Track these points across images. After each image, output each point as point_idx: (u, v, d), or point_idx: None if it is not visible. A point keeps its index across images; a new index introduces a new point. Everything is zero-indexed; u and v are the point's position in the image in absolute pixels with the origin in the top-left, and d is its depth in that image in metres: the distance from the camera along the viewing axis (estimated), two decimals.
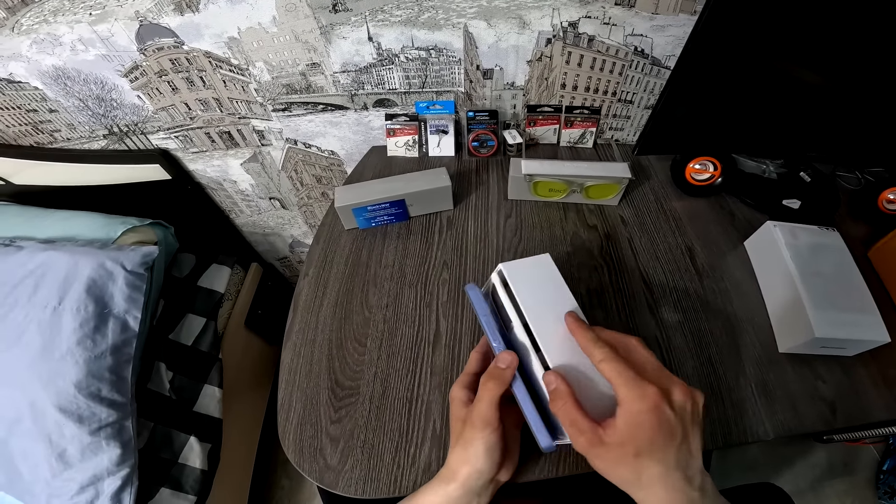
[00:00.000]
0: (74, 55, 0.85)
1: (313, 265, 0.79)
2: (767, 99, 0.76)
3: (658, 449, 0.39)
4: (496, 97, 0.95)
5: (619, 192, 0.83)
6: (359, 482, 0.56)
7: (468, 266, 0.77)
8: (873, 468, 1.45)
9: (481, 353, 0.56)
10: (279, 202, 1.28)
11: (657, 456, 0.39)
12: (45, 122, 0.98)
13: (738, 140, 0.85)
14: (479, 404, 0.47)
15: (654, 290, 0.74)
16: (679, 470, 0.39)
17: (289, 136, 1.05)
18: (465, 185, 0.92)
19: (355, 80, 0.91)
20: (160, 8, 0.79)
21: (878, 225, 0.84)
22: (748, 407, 0.62)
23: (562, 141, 1.01)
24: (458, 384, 0.53)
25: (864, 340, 0.63)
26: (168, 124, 1.01)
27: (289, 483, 1.45)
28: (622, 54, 0.85)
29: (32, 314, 0.84)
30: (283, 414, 0.62)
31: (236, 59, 0.87)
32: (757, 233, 0.77)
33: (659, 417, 0.39)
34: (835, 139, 0.82)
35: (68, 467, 0.81)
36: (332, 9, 0.79)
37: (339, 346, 0.68)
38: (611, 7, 0.78)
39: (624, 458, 0.40)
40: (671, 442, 0.39)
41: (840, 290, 0.67)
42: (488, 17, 0.80)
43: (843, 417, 0.62)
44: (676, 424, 0.40)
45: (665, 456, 0.39)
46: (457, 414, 0.50)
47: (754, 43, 0.68)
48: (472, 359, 0.55)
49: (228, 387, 1.12)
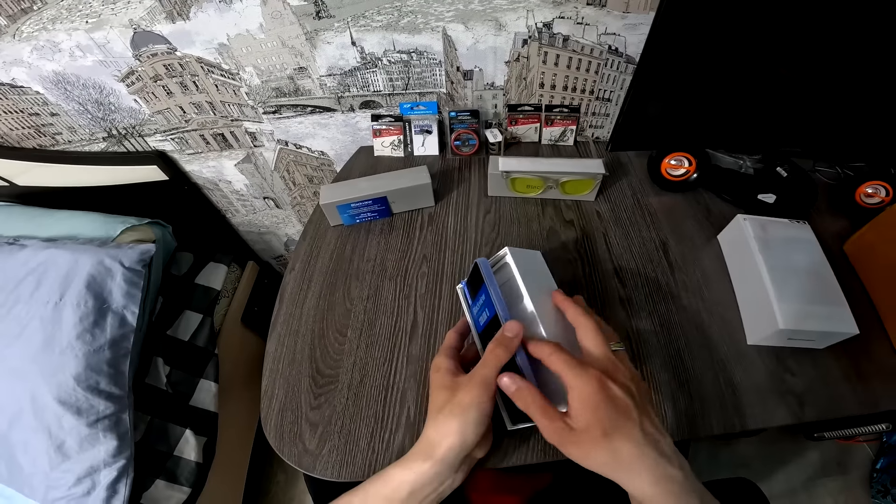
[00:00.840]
0: (73, 61, 0.89)
1: (299, 260, 0.82)
2: (734, 93, 0.77)
3: (622, 426, 0.41)
4: (477, 97, 0.98)
5: (595, 187, 0.86)
6: (335, 466, 0.59)
7: (447, 260, 0.80)
8: (867, 467, 1.44)
9: (459, 332, 0.58)
10: (273, 201, 1.31)
11: (624, 433, 0.41)
12: (46, 125, 1.02)
13: (709, 135, 0.87)
14: (485, 369, 0.47)
15: (626, 283, 0.76)
16: (652, 447, 0.41)
17: (280, 137, 1.09)
18: (447, 183, 0.94)
19: (341, 83, 0.95)
20: (153, 16, 0.82)
21: (856, 218, 0.84)
22: (716, 399, 0.63)
23: (543, 139, 1.03)
24: (443, 355, 0.53)
25: (832, 332, 0.63)
26: (164, 127, 1.05)
27: (284, 477, 1.47)
28: (597, 53, 0.88)
29: (35, 310, 0.87)
30: (266, 401, 0.66)
31: (227, 64, 0.91)
32: (728, 226, 0.79)
33: (606, 394, 0.41)
34: (807, 134, 0.84)
35: (66, 459, 0.84)
36: (315, 16, 0.82)
37: (321, 336, 0.71)
38: (583, 7, 0.81)
39: (595, 441, 0.41)
40: (629, 418, 0.41)
41: (808, 283, 0.67)
42: (465, 20, 0.83)
43: (813, 411, 0.62)
44: (628, 401, 0.42)
45: (632, 433, 0.41)
46: (442, 382, 0.50)
47: (714, 36, 0.69)
48: (451, 336, 0.57)
49: (225, 382, 1.15)
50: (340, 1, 0.80)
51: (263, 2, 0.80)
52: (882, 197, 0.84)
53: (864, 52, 0.69)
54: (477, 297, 0.56)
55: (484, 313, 0.54)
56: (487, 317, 0.53)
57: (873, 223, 0.76)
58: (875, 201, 0.85)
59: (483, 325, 0.54)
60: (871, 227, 0.77)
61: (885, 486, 1.34)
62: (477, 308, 0.56)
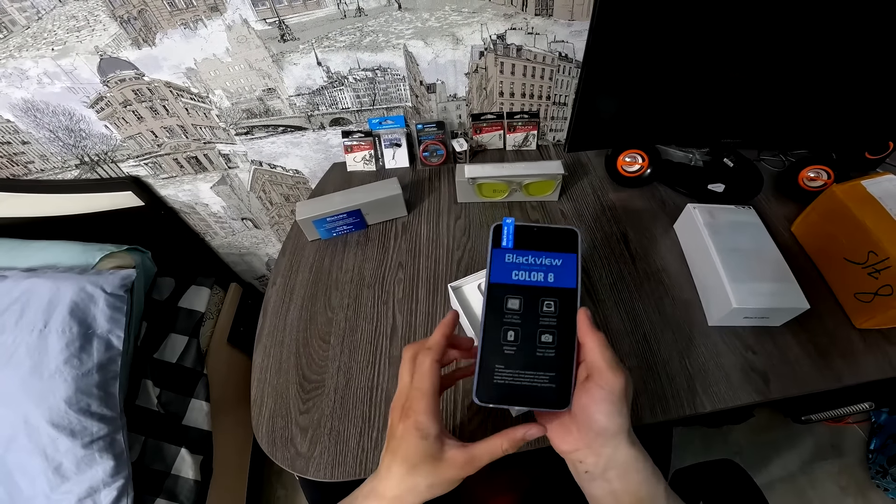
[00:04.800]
0: (41, 88, 0.90)
1: (280, 274, 0.85)
2: (674, 90, 0.82)
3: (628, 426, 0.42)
4: (442, 109, 1.02)
5: (556, 187, 0.91)
6: (327, 467, 0.62)
7: (421, 265, 0.84)
8: (861, 448, 1.46)
9: (447, 336, 0.48)
10: (251, 222, 1.33)
11: (627, 431, 0.41)
12: (18, 154, 1.03)
13: (657, 132, 0.93)
14: (480, 460, 0.42)
15: (590, 275, 0.81)
16: (638, 444, 0.42)
17: (254, 157, 1.11)
18: (418, 193, 0.99)
19: (310, 102, 0.98)
20: (118, 43, 0.84)
21: (801, 201, 0.88)
22: (683, 381, 0.67)
23: (507, 145, 1.08)
24: (428, 414, 0.43)
25: (784, 308, 0.68)
26: (137, 152, 1.06)
27: (284, 493, 1.47)
28: (549, 60, 0.93)
29: (20, 338, 0.89)
30: (256, 409, 0.69)
31: (196, 87, 0.93)
32: (681, 216, 0.84)
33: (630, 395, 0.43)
34: (746, 126, 0.89)
35: (65, 480, 0.85)
36: (280, 39, 0.86)
37: (305, 344, 0.75)
38: (532, 18, 0.85)
39: (612, 437, 0.41)
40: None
41: (757, 263, 0.72)
42: (424, 36, 0.87)
43: (778, 388, 0.66)
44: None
45: (630, 432, 0.42)
46: (427, 451, 0.42)
47: (648, 36, 0.74)
48: (439, 340, 0.47)
49: (216, 400, 1.16)
50: (304, 24, 0.84)
51: (228, 27, 0.83)
52: (824, 180, 0.90)
53: (798, 45, 0.73)
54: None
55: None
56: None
57: (815, 203, 0.82)
58: (818, 184, 0.90)
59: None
60: (813, 208, 0.83)
61: (882, 467, 1.36)
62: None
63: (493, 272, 0.45)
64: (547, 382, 0.42)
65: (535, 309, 0.44)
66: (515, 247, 0.46)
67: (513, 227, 0.47)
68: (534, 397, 0.42)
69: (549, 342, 0.43)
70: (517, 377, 0.43)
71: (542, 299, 0.44)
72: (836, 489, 1.40)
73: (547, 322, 0.44)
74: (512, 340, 0.43)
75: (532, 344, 0.43)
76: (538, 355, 0.43)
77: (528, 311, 0.44)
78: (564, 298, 0.45)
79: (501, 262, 0.46)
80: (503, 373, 0.43)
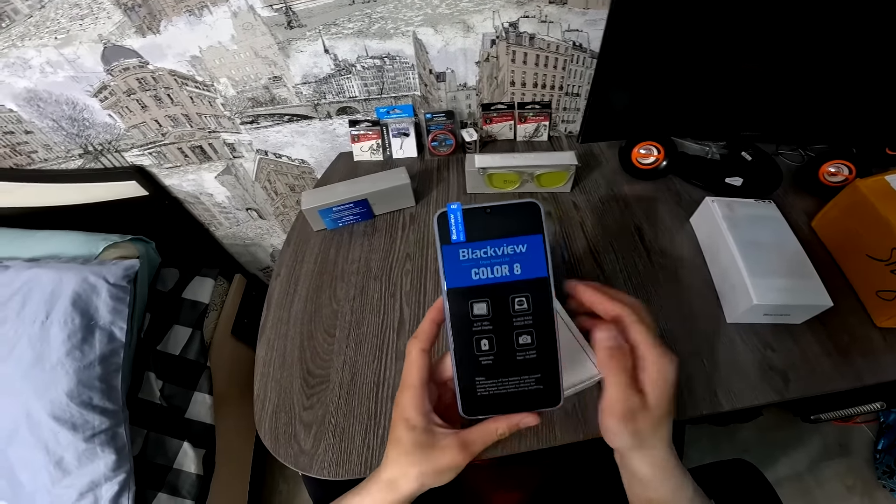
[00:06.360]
0: (44, 77, 0.89)
1: (284, 265, 0.83)
2: (692, 81, 0.80)
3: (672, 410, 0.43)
4: (451, 98, 1.00)
5: (569, 178, 0.88)
6: (332, 464, 0.60)
7: (430, 257, 0.82)
8: (869, 448, 1.44)
9: (436, 322, 0.44)
10: (256, 212, 1.32)
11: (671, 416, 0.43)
12: (21, 143, 1.02)
13: (674, 124, 0.90)
14: (476, 445, 0.41)
15: (605, 269, 0.78)
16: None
17: (259, 147, 1.09)
18: (427, 183, 0.96)
19: (317, 91, 0.96)
20: (122, 31, 0.83)
21: (821, 196, 0.86)
22: (700, 379, 0.64)
23: (518, 136, 1.06)
24: (413, 401, 0.43)
25: (807, 305, 0.65)
26: (141, 141, 1.05)
27: (286, 487, 1.46)
28: (562, 49, 0.90)
29: (22, 329, 0.88)
30: (259, 404, 0.67)
31: (200, 76, 0.92)
32: (698, 209, 0.82)
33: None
34: (766, 119, 0.87)
35: (67, 474, 0.85)
36: (287, 25, 0.84)
37: (309, 337, 0.73)
38: (546, 6, 0.83)
39: (659, 420, 0.43)
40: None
41: (779, 258, 0.69)
42: (434, 23, 0.85)
43: (797, 387, 0.63)
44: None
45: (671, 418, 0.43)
46: (417, 440, 0.42)
47: (666, 27, 0.72)
48: (428, 329, 0.44)
49: (220, 394, 1.15)
50: (311, 10, 0.82)
51: (234, 14, 0.82)
52: (845, 175, 0.87)
53: (819, 38, 0.71)
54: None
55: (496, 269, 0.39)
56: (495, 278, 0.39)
57: (837, 198, 0.79)
58: (838, 179, 0.88)
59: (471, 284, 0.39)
60: (835, 203, 0.80)
61: (889, 467, 1.34)
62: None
63: (447, 276, 0.39)
64: (534, 385, 0.39)
65: (507, 309, 0.39)
66: (468, 238, 0.39)
67: (460, 213, 0.39)
68: (523, 401, 0.39)
69: (529, 343, 0.39)
70: (501, 386, 0.39)
71: (513, 297, 0.39)
72: (842, 489, 1.38)
73: (522, 322, 0.39)
74: (487, 350, 0.39)
75: (510, 349, 0.39)
76: (519, 359, 0.39)
77: (498, 314, 0.39)
78: (537, 290, 0.39)
79: (456, 262, 0.39)
80: (485, 384, 0.39)
